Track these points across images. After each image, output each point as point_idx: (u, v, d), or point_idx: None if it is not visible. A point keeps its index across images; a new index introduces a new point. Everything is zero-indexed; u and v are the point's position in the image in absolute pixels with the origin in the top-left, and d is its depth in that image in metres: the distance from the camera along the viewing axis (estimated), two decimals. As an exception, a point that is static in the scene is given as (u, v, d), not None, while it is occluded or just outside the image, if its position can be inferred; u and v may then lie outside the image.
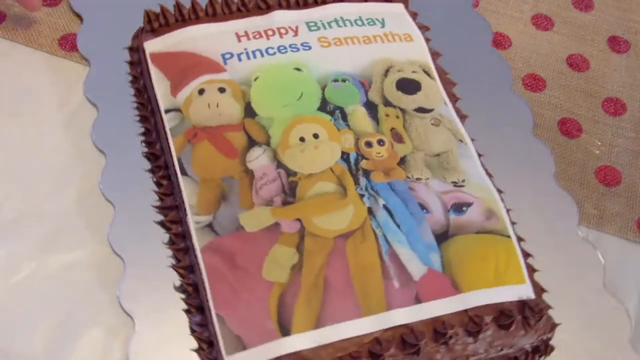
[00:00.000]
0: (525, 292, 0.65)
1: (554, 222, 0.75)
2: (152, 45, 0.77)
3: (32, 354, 0.64)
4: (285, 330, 0.60)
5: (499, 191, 0.72)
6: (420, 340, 0.60)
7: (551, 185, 0.77)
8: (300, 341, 0.59)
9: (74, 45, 0.82)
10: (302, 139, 0.70)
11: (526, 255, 0.69)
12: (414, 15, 0.84)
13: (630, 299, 0.73)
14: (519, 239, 0.70)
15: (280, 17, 0.79)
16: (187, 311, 0.65)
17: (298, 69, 0.75)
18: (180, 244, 0.67)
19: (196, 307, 0.64)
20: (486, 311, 0.63)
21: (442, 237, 0.66)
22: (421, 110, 0.74)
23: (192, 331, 0.64)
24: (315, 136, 0.70)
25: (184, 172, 0.69)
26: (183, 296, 0.66)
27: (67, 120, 0.76)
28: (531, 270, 0.68)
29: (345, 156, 0.69)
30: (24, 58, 0.80)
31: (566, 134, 0.81)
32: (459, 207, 0.68)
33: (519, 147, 0.79)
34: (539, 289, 0.67)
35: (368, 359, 0.60)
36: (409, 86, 0.76)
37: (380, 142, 0.71)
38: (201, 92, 0.72)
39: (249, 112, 0.72)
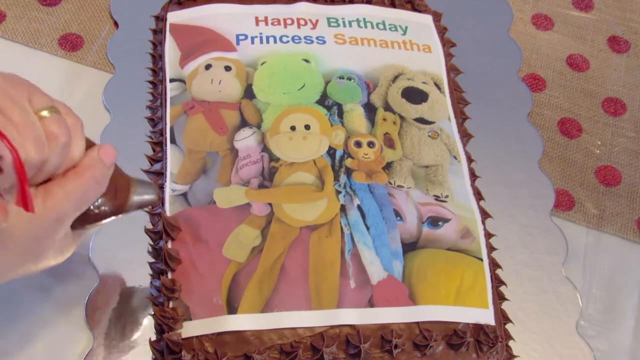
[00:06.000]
0: (485, 317, 0.63)
1: (540, 257, 0.73)
2: (174, 16, 0.78)
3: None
4: (232, 308, 0.60)
5: (488, 216, 0.71)
6: (364, 343, 0.60)
7: (546, 220, 0.75)
8: (245, 321, 0.60)
9: (74, 45, 0.80)
10: (293, 128, 0.70)
11: (499, 282, 0.68)
12: (443, 30, 0.83)
13: (630, 298, 0.72)
14: (496, 266, 0.69)
15: (304, 8, 0.80)
16: (151, 275, 0.66)
17: (306, 60, 0.75)
18: (157, 209, 0.68)
19: (158, 272, 0.65)
20: (439, 328, 0.62)
21: (410, 247, 0.65)
22: (421, 120, 0.74)
23: (150, 295, 0.65)
24: (307, 127, 0.70)
25: (173, 141, 0.70)
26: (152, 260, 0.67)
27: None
28: (500, 298, 0.67)
29: (331, 151, 0.69)
30: (24, 58, 0.79)
31: (566, 134, 0.80)
32: (435, 221, 0.67)
33: (522, 177, 0.77)
34: (503, 318, 0.66)
35: (308, 351, 0.60)
36: (415, 95, 0.75)
37: (371, 144, 0.70)
38: (208, 67, 0.74)
39: (249, 93, 0.73)
